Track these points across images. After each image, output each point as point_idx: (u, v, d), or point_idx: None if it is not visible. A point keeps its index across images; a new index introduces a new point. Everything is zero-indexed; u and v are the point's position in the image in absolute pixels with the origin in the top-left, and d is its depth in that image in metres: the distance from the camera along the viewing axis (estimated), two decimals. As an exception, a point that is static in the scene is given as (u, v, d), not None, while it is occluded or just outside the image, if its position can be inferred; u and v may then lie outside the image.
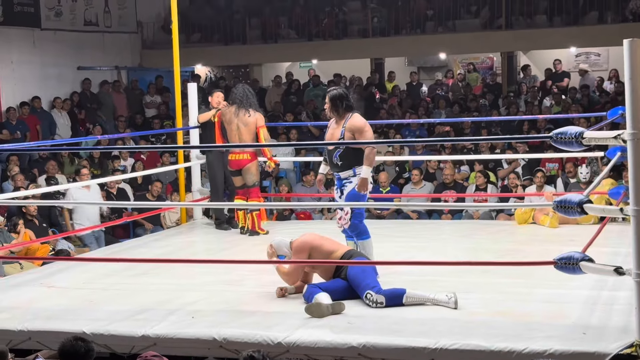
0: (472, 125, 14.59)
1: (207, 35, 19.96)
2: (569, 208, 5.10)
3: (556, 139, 5.10)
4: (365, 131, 6.78)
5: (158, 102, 17.55)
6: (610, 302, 5.87)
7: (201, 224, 10.30)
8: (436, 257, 7.68)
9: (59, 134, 15.55)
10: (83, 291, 6.87)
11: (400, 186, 12.37)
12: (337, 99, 6.83)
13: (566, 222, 8.94)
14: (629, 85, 4.84)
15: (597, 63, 20.23)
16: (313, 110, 16.82)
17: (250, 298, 6.39)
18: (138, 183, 12.90)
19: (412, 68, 21.51)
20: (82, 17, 18.09)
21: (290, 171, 14.15)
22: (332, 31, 19.17)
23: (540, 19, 18.07)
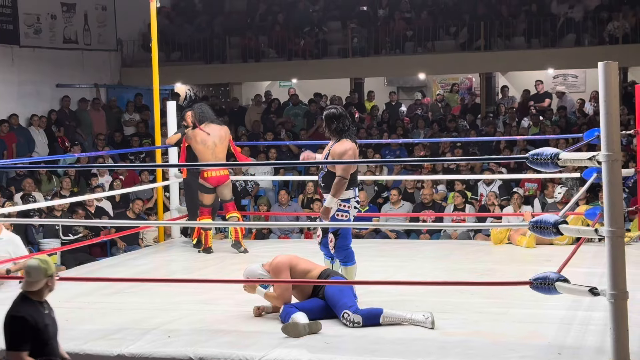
0: (451, 145, 14.66)
1: (187, 54, 19.98)
2: (544, 228, 5.13)
3: (532, 159, 5.13)
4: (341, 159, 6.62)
5: (137, 120, 17.52)
6: (586, 322, 5.90)
7: (179, 242, 10.26)
8: (414, 276, 7.69)
9: (37, 151, 15.47)
10: (58, 310, 6.73)
11: (379, 205, 12.40)
12: (329, 119, 6.79)
13: (541, 242, 8.99)
14: (603, 108, 4.89)
15: (575, 85, 20.42)
16: (292, 129, 16.85)
17: (226, 317, 6.37)
18: (116, 201, 12.85)
19: (391, 88, 21.61)
20: (62, 35, 18.06)
21: (269, 190, 14.14)
22: (312, 51, 19.25)
23: (518, 40, 18.24)
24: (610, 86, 4.88)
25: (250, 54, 19.58)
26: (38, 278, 4.58)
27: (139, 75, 18.63)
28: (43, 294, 4.66)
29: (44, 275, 4.59)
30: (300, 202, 12.80)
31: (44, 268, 4.60)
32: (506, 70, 19.97)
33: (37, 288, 4.61)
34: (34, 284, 4.60)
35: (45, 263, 4.63)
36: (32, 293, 4.62)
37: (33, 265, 4.59)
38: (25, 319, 4.53)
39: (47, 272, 4.61)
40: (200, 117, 9.26)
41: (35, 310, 4.60)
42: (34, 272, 4.58)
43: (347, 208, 6.72)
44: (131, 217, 11.67)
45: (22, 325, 4.52)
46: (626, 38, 17.17)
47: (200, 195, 9.34)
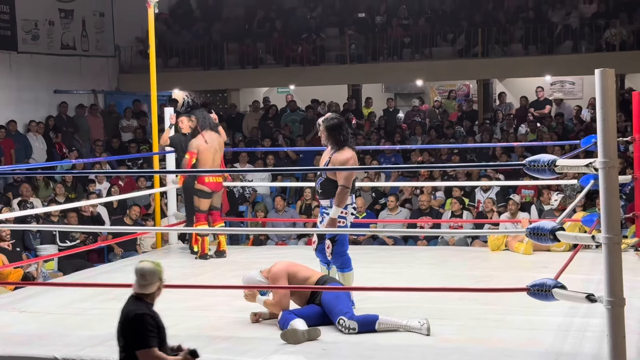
0: (449, 151, 14.68)
1: (184, 60, 20.00)
2: (542, 235, 5.14)
3: (529, 166, 5.14)
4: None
5: (134, 126, 17.53)
6: (583, 329, 5.90)
7: (176, 248, 10.26)
8: (411, 283, 7.69)
9: (34, 157, 15.47)
10: (55, 316, 6.81)
11: (376, 212, 12.40)
12: (332, 129, 6.77)
13: (539, 249, 8.99)
14: (600, 114, 4.90)
15: (572, 92, 20.46)
16: (289, 136, 16.86)
17: (223, 323, 6.37)
18: (114, 207, 12.84)
19: (389, 94, 21.64)
20: (60, 41, 18.08)
21: (266, 196, 14.14)
22: (310, 57, 19.27)
23: (515, 47, 18.28)
24: (607, 93, 4.90)
25: (248, 60, 19.60)
26: (152, 281, 4.55)
27: (137, 81, 18.65)
28: (154, 297, 4.63)
29: (158, 278, 4.57)
30: (298, 208, 12.80)
31: (158, 271, 4.58)
32: (503, 77, 20.00)
33: (151, 291, 4.58)
34: (148, 286, 4.55)
35: (159, 266, 4.61)
36: (145, 295, 4.58)
37: (148, 268, 4.57)
38: (151, 316, 4.51)
39: (160, 276, 4.60)
40: (202, 123, 9.29)
41: (152, 312, 4.58)
42: (149, 274, 4.55)
43: (344, 214, 6.73)
44: (128, 224, 11.66)
45: (149, 322, 4.49)
46: (623, 45, 17.21)
47: (197, 200, 9.34)
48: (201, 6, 21.78)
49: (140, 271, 4.59)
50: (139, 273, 4.59)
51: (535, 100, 17.51)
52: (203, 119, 9.36)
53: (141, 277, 4.57)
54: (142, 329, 4.48)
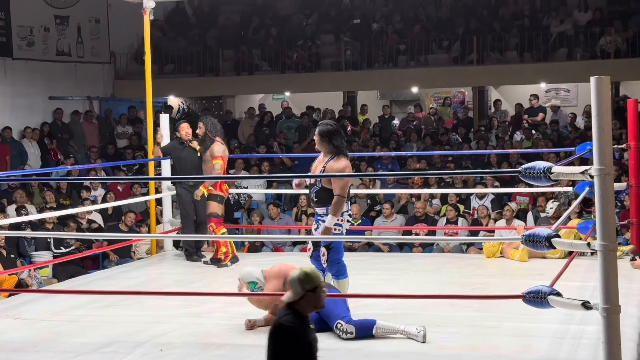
0: (444, 159, 14.69)
1: (180, 67, 20.00)
2: (537, 242, 5.14)
3: (525, 173, 5.15)
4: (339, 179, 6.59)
5: (130, 132, 17.51)
6: (578, 336, 5.90)
7: (171, 255, 10.24)
8: (406, 290, 7.68)
9: (29, 163, 15.45)
10: (50, 323, 6.79)
11: (371, 219, 12.40)
12: (326, 136, 6.77)
13: (534, 256, 8.99)
14: (596, 122, 4.91)
15: (567, 99, 20.50)
16: (285, 142, 16.85)
17: (219, 330, 6.36)
18: (109, 214, 12.83)
19: (384, 101, 21.65)
20: (55, 47, 18.06)
21: (262, 203, 14.14)
22: (305, 64, 19.28)
23: (510, 54, 18.31)
24: (603, 100, 4.91)
25: (244, 67, 19.60)
26: (296, 290, 4.28)
27: (132, 87, 18.64)
28: (305, 307, 4.32)
29: (301, 287, 4.27)
30: (293, 215, 12.80)
31: (300, 280, 4.30)
32: (499, 84, 20.04)
33: (296, 299, 4.30)
34: (294, 294, 4.29)
35: (305, 276, 4.32)
36: (295, 304, 4.31)
37: (293, 277, 4.33)
38: (295, 329, 4.23)
39: (306, 286, 4.29)
40: (211, 129, 9.30)
41: (301, 323, 4.28)
42: (292, 283, 4.32)
43: (339, 222, 6.73)
44: (124, 230, 11.65)
45: (289, 336, 4.21)
46: (618, 53, 17.25)
47: (215, 206, 9.25)
48: (197, 13, 21.78)
49: (289, 278, 4.37)
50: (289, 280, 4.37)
51: (529, 108, 17.54)
52: (212, 125, 9.38)
53: (290, 284, 4.33)
54: (278, 341, 4.22)
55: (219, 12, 21.33)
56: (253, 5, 20.91)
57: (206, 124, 9.38)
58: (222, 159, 9.25)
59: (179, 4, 20.86)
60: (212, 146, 9.27)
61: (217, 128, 9.41)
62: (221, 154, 9.24)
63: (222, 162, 9.23)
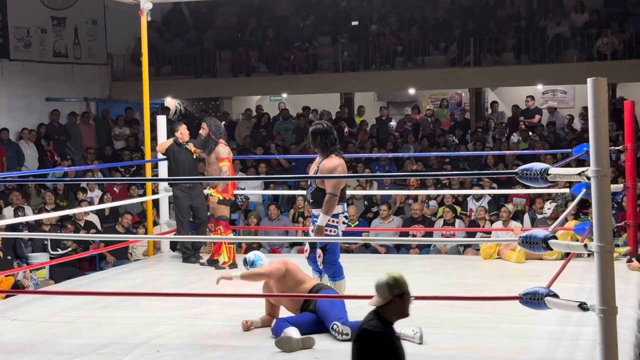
0: (441, 160, 14.69)
1: (177, 68, 19.98)
2: (534, 243, 5.15)
3: (522, 175, 5.15)
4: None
5: (127, 134, 17.50)
6: (575, 337, 5.90)
7: (168, 256, 10.23)
8: (403, 291, 7.67)
9: (26, 165, 15.42)
10: (47, 324, 6.79)
11: (368, 220, 12.40)
12: (317, 134, 6.79)
13: (531, 257, 9.00)
14: (592, 123, 4.91)
15: (564, 100, 20.50)
16: (282, 144, 16.85)
17: (216, 332, 6.35)
18: (106, 215, 12.81)
19: (381, 103, 21.65)
20: (52, 49, 18.04)
21: (259, 204, 14.13)
22: (302, 65, 19.28)
23: (507, 56, 18.33)
24: (600, 102, 4.91)
25: (241, 68, 19.60)
26: (383, 295, 4.17)
27: (129, 89, 18.62)
28: (391, 314, 4.21)
29: (389, 293, 4.16)
30: (290, 216, 12.79)
31: (388, 285, 4.19)
32: (495, 86, 20.04)
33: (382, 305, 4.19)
34: (381, 300, 4.18)
35: (394, 280, 4.21)
36: (381, 310, 4.20)
37: (381, 281, 4.21)
38: (379, 334, 4.11)
39: (394, 291, 4.18)
40: (215, 131, 9.26)
41: (386, 329, 4.17)
42: (380, 288, 4.20)
43: (335, 223, 6.73)
44: (120, 232, 11.64)
45: (373, 341, 4.10)
46: (614, 54, 17.27)
47: (224, 209, 9.23)
48: (194, 14, 21.77)
49: (375, 283, 4.23)
50: (375, 285, 4.23)
51: (526, 109, 17.55)
52: (216, 127, 9.32)
53: (375, 289, 4.21)
54: (362, 346, 4.11)
55: (216, 13, 21.32)
56: (250, 6, 20.91)
57: (210, 125, 9.33)
58: (229, 160, 9.22)
59: (176, 5, 20.85)
60: (216, 148, 9.22)
61: (220, 130, 9.37)
62: (227, 155, 9.19)
63: (229, 164, 9.18)
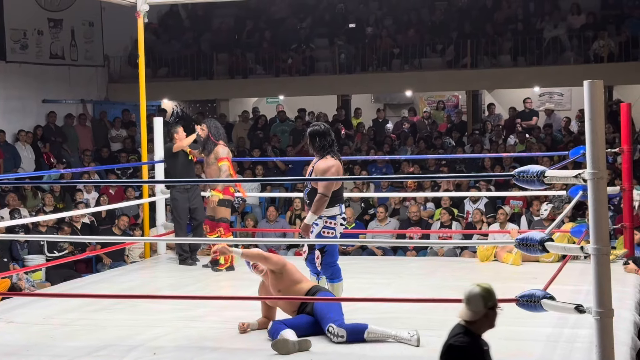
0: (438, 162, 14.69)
1: (174, 70, 19.98)
2: (530, 246, 5.14)
3: (518, 177, 5.15)
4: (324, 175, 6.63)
5: (123, 136, 17.49)
6: (572, 339, 5.90)
7: (165, 258, 10.22)
8: (400, 293, 7.68)
9: (23, 167, 15.40)
10: (43, 327, 6.77)
11: (365, 222, 12.40)
12: (314, 136, 6.81)
13: (528, 260, 9.00)
14: (589, 126, 4.91)
15: (560, 103, 20.52)
16: (278, 146, 16.84)
17: (212, 334, 6.34)
18: (102, 217, 12.80)
19: (378, 105, 21.66)
20: (48, 50, 18.03)
21: (255, 206, 14.13)
22: (299, 67, 19.28)
23: (504, 58, 18.34)
24: (596, 104, 4.92)
25: (238, 70, 19.60)
26: (477, 308, 4.07)
27: (126, 91, 18.61)
28: (482, 326, 4.11)
29: (483, 305, 4.08)
30: (287, 218, 12.79)
31: (483, 297, 4.10)
32: (492, 88, 20.06)
33: (475, 319, 4.09)
34: (472, 313, 4.07)
35: (487, 292, 4.12)
36: (470, 323, 4.10)
37: (474, 293, 4.11)
38: (467, 349, 4.01)
39: (488, 303, 4.10)
40: (214, 132, 9.26)
41: (474, 343, 4.07)
42: (473, 300, 4.09)
43: (333, 225, 6.73)
44: (117, 234, 11.62)
45: (462, 357, 4.02)
46: (611, 57, 17.29)
47: (224, 211, 9.21)
48: (191, 16, 21.78)
49: (465, 295, 4.13)
50: (464, 296, 4.13)
51: (522, 111, 17.57)
52: (215, 128, 9.32)
53: (465, 300, 4.11)
54: None
55: (213, 15, 21.32)
56: (247, 8, 20.90)
57: (209, 126, 9.32)
58: (228, 160, 9.22)
59: (173, 7, 20.86)
60: (215, 149, 9.21)
61: (219, 131, 9.37)
62: (226, 155, 9.20)
63: (228, 164, 9.18)
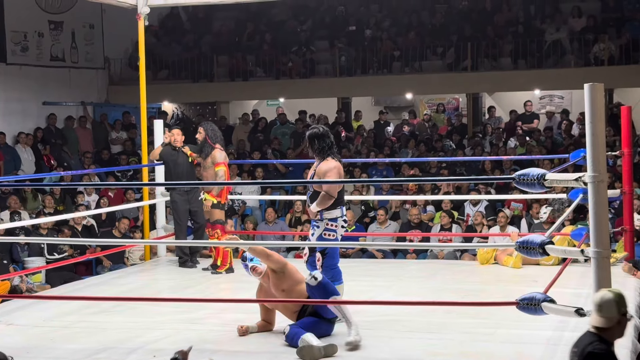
0: (438, 165, 14.69)
1: (174, 72, 19.98)
2: (531, 249, 5.14)
3: (519, 180, 5.15)
4: (326, 177, 6.65)
5: (124, 138, 17.48)
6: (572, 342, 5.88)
7: (165, 261, 10.22)
8: (400, 296, 7.68)
9: (23, 169, 15.39)
10: (43, 329, 6.77)
11: (365, 225, 12.39)
12: (313, 138, 6.81)
13: (528, 263, 8.99)
14: (589, 129, 4.92)
15: (561, 105, 20.49)
16: (279, 148, 16.84)
17: (212, 336, 6.34)
18: (102, 219, 12.79)
19: (378, 108, 21.64)
20: (49, 53, 18.03)
21: (255, 209, 14.12)
22: (300, 70, 19.29)
23: (505, 61, 18.33)
24: (596, 107, 4.92)
25: (238, 73, 19.60)
26: (610, 314, 3.97)
27: (126, 93, 18.60)
28: (614, 334, 4.02)
29: (617, 311, 3.98)
30: (287, 221, 12.77)
31: (617, 303, 3.99)
32: (493, 91, 20.05)
33: (608, 325, 4.00)
34: (606, 320, 3.97)
35: (620, 297, 4.01)
36: (602, 330, 4.01)
37: (606, 299, 4.00)
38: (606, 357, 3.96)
39: (621, 309, 4.00)
40: (211, 135, 9.27)
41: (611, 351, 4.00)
42: (605, 306, 3.98)
43: (334, 227, 6.72)
44: (117, 236, 11.61)
45: None
46: (612, 60, 17.28)
47: (219, 213, 9.22)
48: (191, 19, 21.78)
49: (596, 300, 4.04)
50: (595, 302, 4.04)
51: (522, 114, 17.56)
52: (212, 131, 9.35)
53: (597, 307, 4.01)
54: None
55: (214, 18, 21.33)
56: (247, 11, 20.92)
57: (207, 129, 9.34)
58: (225, 165, 9.23)
59: (173, 9, 20.86)
60: (212, 152, 9.22)
61: (217, 134, 9.38)
62: (223, 160, 9.22)
63: (225, 169, 9.21)
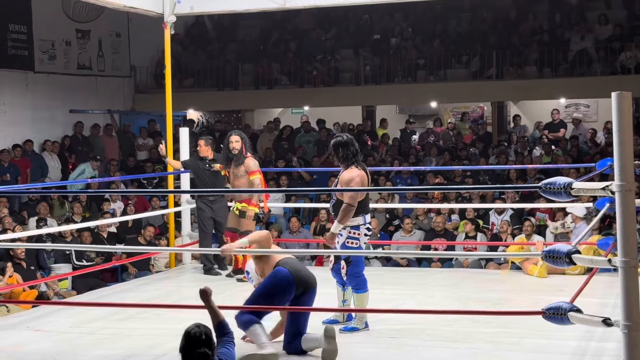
0: (463, 173, 14.64)
1: (199, 81, 20.08)
2: (557, 258, 5.10)
3: (545, 189, 5.12)
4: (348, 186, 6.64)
5: (150, 145, 17.58)
6: (599, 353, 5.85)
7: (190, 268, 10.25)
8: (425, 305, 7.66)
9: (50, 176, 15.52)
10: (69, 335, 6.82)
11: (390, 233, 12.37)
12: (337, 147, 6.83)
13: (553, 272, 8.94)
14: (617, 137, 4.88)
15: (587, 114, 20.38)
16: (303, 156, 16.86)
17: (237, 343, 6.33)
18: (129, 227, 12.86)
19: (403, 116, 21.63)
20: (76, 61, 18.20)
21: (280, 217, 14.14)
22: (324, 78, 19.31)
23: (530, 70, 18.25)
24: (624, 116, 4.88)
25: (263, 81, 19.67)
26: None
27: (152, 101, 18.74)
28: None
29: None
30: (312, 229, 12.78)
31: None
32: (518, 100, 19.97)
33: None
34: None
35: None
36: None
37: None
38: None
39: None
40: (248, 143, 9.30)
41: None
42: None
43: (357, 235, 6.72)
44: (142, 243, 11.68)
45: None
46: (638, 68, 17.16)
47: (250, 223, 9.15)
48: (216, 27, 21.90)
49: None
50: None
51: (549, 123, 17.47)
52: (247, 140, 9.37)
53: None
54: None
55: (239, 26, 21.43)
56: (272, 19, 21.00)
57: (243, 138, 9.33)
58: (259, 172, 9.23)
59: (198, 18, 20.98)
60: (246, 161, 9.19)
61: (248, 143, 9.40)
62: (257, 168, 9.21)
63: (260, 176, 9.20)
